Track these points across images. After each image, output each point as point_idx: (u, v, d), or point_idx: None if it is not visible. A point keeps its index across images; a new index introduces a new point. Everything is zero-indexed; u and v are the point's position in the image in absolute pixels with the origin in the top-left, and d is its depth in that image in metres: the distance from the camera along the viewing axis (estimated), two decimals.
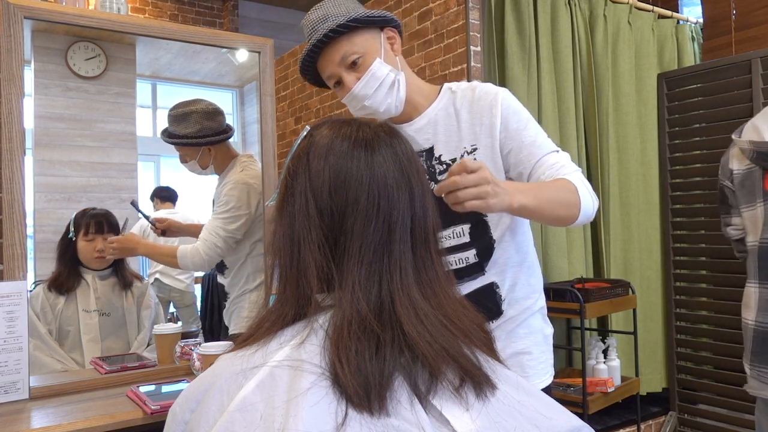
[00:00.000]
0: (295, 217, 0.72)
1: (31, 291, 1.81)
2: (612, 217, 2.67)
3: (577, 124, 2.65)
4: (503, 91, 1.25)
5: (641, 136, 2.84)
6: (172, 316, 2.37)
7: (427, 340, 0.66)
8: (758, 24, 3.14)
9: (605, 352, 2.49)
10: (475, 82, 1.30)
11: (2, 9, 1.46)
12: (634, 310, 2.55)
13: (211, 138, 1.91)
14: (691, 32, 3.13)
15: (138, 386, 1.45)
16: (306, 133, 0.78)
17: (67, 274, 1.88)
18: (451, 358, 0.67)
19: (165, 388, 1.46)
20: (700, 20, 3.28)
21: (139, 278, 2.05)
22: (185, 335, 1.93)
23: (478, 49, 2.49)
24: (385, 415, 0.61)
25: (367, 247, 0.69)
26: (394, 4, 2.90)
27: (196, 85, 2.39)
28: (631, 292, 2.53)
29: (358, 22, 1.17)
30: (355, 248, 0.69)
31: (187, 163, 1.96)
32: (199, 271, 2.27)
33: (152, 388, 1.45)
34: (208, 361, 1.41)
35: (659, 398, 2.86)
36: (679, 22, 3.08)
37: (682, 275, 2.85)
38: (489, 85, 1.27)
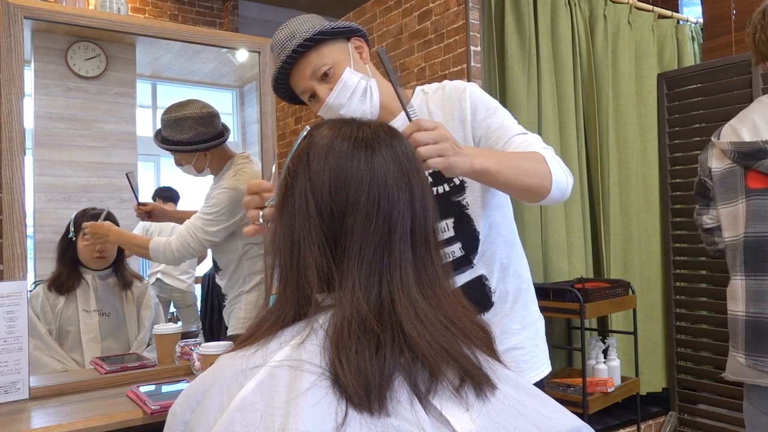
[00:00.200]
0: (295, 217, 0.72)
1: (31, 291, 1.81)
2: (612, 217, 2.67)
3: (577, 124, 2.65)
4: (471, 85, 1.28)
5: (641, 136, 2.84)
6: (172, 316, 2.37)
7: (427, 340, 0.66)
8: None
9: (605, 352, 2.49)
10: (444, 81, 1.31)
11: (2, 9, 1.46)
12: (634, 310, 2.55)
13: (206, 144, 1.86)
14: (691, 32, 3.13)
15: (138, 386, 1.45)
16: (306, 133, 0.78)
17: (67, 274, 1.88)
18: (451, 358, 0.67)
19: (165, 388, 1.46)
20: (700, 20, 3.28)
21: (139, 278, 2.05)
22: (185, 335, 1.93)
23: (478, 49, 2.49)
24: (385, 415, 0.61)
25: (367, 247, 0.69)
26: (394, 4, 2.90)
27: (196, 85, 2.40)
28: (631, 292, 2.53)
29: (324, 35, 1.21)
30: (355, 248, 0.69)
31: (182, 166, 1.94)
32: (169, 264, 2.22)
33: (152, 388, 1.45)
34: (208, 361, 1.41)
35: (659, 398, 2.86)
36: (679, 22, 3.08)
37: (682, 275, 2.85)
38: (457, 82, 1.29)
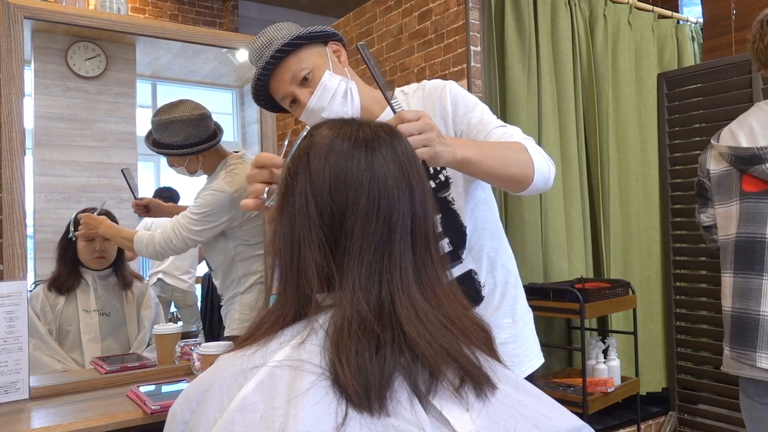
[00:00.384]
0: (296, 217, 0.72)
1: (31, 291, 1.81)
2: (612, 217, 2.67)
3: (577, 124, 2.65)
4: (450, 82, 1.29)
5: (641, 136, 2.84)
6: (172, 316, 2.37)
7: (427, 340, 0.66)
8: None
9: (605, 352, 2.49)
10: (423, 81, 1.32)
11: (2, 9, 1.47)
12: (634, 310, 2.55)
13: (198, 147, 1.81)
14: (691, 32, 3.13)
15: (138, 386, 1.45)
16: (306, 133, 0.78)
17: (67, 274, 1.88)
18: (451, 358, 0.67)
19: (165, 388, 1.46)
20: (700, 20, 3.28)
21: (139, 278, 2.05)
22: (185, 335, 1.93)
23: (478, 49, 2.49)
24: (385, 415, 0.61)
25: (367, 247, 0.69)
26: (394, 4, 2.90)
27: (196, 85, 2.40)
28: (631, 292, 2.53)
29: (301, 39, 1.22)
30: (356, 248, 0.69)
31: (174, 167, 1.91)
32: (152, 259, 2.22)
33: (152, 388, 1.45)
34: (208, 361, 1.41)
35: (659, 398, 2.86)
36: (679, 22, 3.08)
37: (682, 275, 2.85)
38: (436, 80, 1.31)
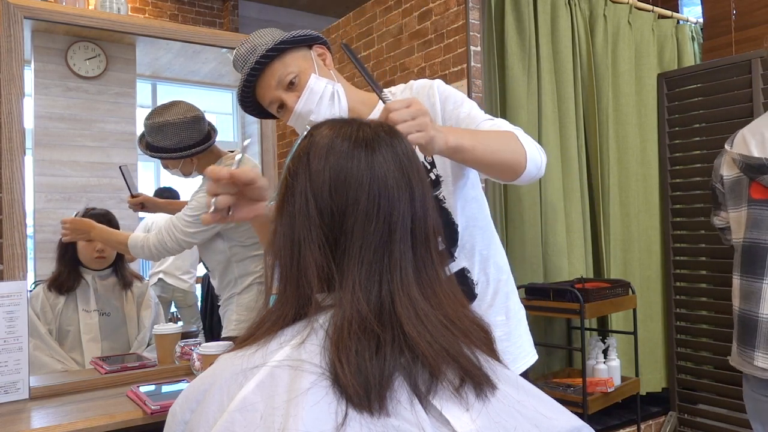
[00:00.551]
0: (296, 217, 0.72)
1: (31, 291, 1.81)
2: (612, 217, 2.67)
3: (577, 124, 2.65)
4: (437, 81, 1.28)
5: (641, 136, 2.84)
6: (172, 316, 2.37)
7: (428, 340, 0.66)
8: (758, 24, 3.14)
9: (605, 352, 2.49)
10: (410, 81, 1.32)
11: (2, 9, 1.46)
12: (634, 310, 2.55)
13: (191, 150, 1.79)
14: (691, 32, 3.13)
15: (138, 386, 1.45)
16: (306, 132, 0.78)
17: (67, 274, 1.88)
18: (451, 358, 0.67)
19: (165, 388, 1.46)
20: (700, 20, 3.28)
21: (139, 278, 2.05)
22: (185, 335, 1.93)
23: (478, 49, 2.49)
24: (385, 415, 0.61)
25: (367, 247, 0.69)
26: (394, 4, 2.90)
27: (196, 85, 2.40)
28: (631, 292, 2.53)
29: (285, 44, 1.22)
30: (356, 248, 0.69)
31: (169, 169, 1.90)
32: (148, 260, 2.21)
33: (152, 388, 1.45)
34: (208, 361, 1.41)
35: (659, 398, 2.86)
36: (679, 22, 3.08)
37: (682, 275, 2.85)
38: (424, 80, 1.30)
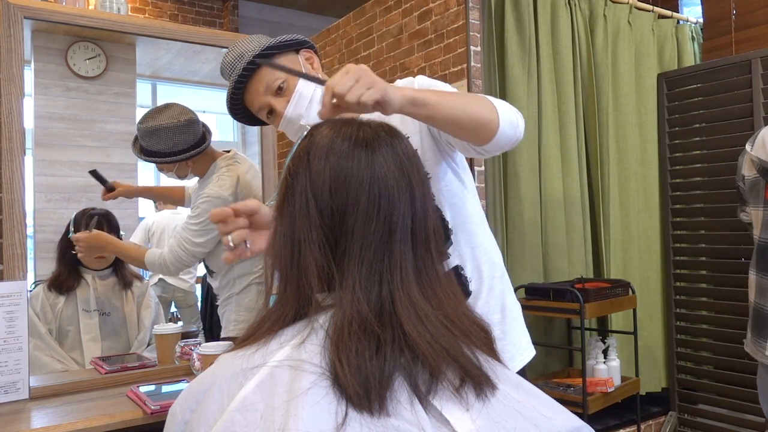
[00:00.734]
0: (296, 217, 0.72)
1: (31, 291, 1.81)
2: (612, 217, 2.67)
3: (577, 124, 2.65)
4: (420, 76, 1.28)
5: (641, 136, 2.84)
6: (172, 316, 2.37)
7: (428, 340, 0.66)
8: (758, 24, 3.15)
9: (605, 352, 2.49)
10: (396, 81, 1.32)
11: (2, 9, 1.46)
12: (634, 310, 2.55)
13: (186, 154, 1.77)
14: (691, 32, 3.13)
15: (138, 386, 1.45)
16: (306, 132, 0.78)
17: (67, 273, 1.88)
18: (451, 358, 0.67)
19: (165, 388, 1.46)
20: (700, 20, 3.28)
21: (139, 278, 2.05)
22: (185, 335, 1.93)
23: (478, 49, 2.49)
24: (385, 415, 0.61)
25: (367, 247, 0.69)
26: (394, 4, 2.90)
27: (196, 85, 2.40)
28: (631, 292, 2.53)
29: (272, 49, 1.23)
30: (356, 248, 0.69)
31: (164, 172, 1.89)
32: (167, 275, 2.21)
33: (152, 388, 1.45)
34: (208, 361, 1.41)
35: (659, 398, 2.86)
36: (679, 22, 3.08)
37: (682, 275, 2.85)
38: (407, 78, 1.30)
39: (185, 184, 2.04)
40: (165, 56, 2.19)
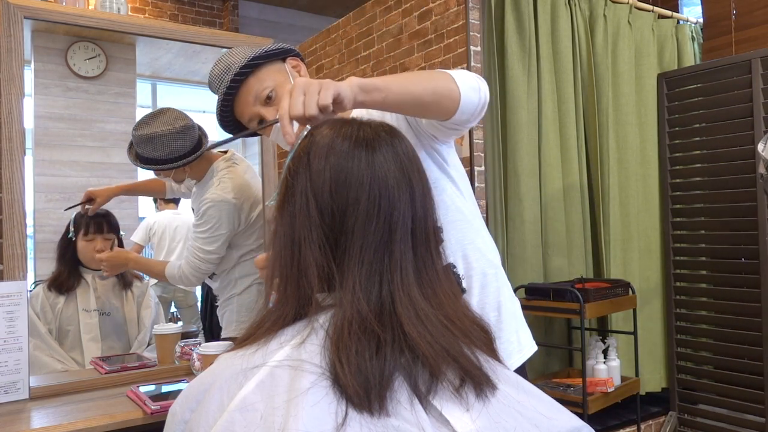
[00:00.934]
0: (296, 217, 0.72)
1: (31, 291, 1.81)
2: (612, 217, 2.67)
3: (577, 124, 2.65)
4: None
5: (641, 136, 2.84)
6: (172, 316, 2.37)
7: (428, 340, 0.66)
8: (758, 24, 3.15)
9: (605, 352, 2.49)
10: None
11: (2, 9, 1.46)
12: (634, 310, 2.55)
13: (183, 160, 1.76)
14: (691, 32, 3.13)
15: (138, 386, 1.45)
16: (306, 132, 0.78)
17: (67, 273, 1.88)
18: (451, 359, 0.67)
19: (165, 388, 1.46)
20: (700, 20, 3.28)
21: (139, 278, 2.05)
22: (185, 335, 1.93)
23: (478, 49, 2.49)
24: (385, 415, 0.61)
25: (367, 247, 0.69)
26: (394, 4, 2.90)
27: (196, 85, 2.39)
28: (631, 292, 2.53)
29: (258, 59, 1.23)
30: (356, 248, 0.69)
31: (161, 176, 1.89)
32: (188, 287, 2.24)
33: (152, 388, 1.45)
34: (208, 361, 1.41)
35: (659, 398, 2.86)
36: (679, 22, 3.08)
37: (682, 275, 2.85)
38: None
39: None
40: (165, 56, 2.19)
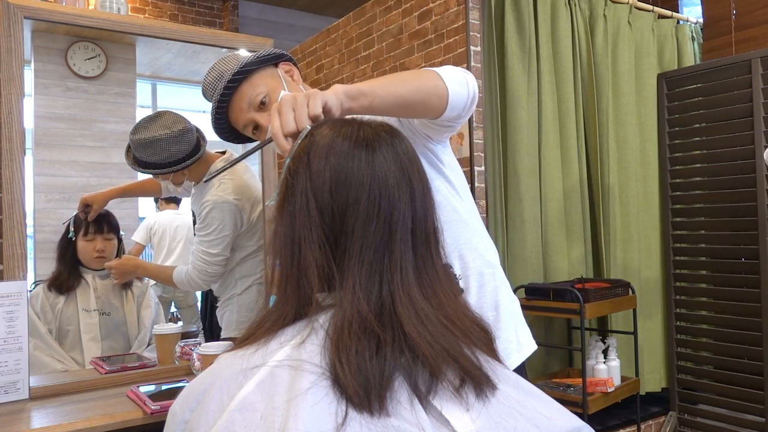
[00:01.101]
0: (296, 217, 0.72)
1: (31, 291, 1.81)
2: (612, 217, 2.67)
3: (577, 124, 2.65)
4: None
5: (641, 136, 2.84)
6: (172, 316, 2.37)
7: (428, 340, 0.66)
8: (758, 24, 3.15)
9: (605, 352, 2.49)
10: None
11: (2, 9, 1.46)
12: (634, 310, 2.55)
13: (182, 164, 1.75)
14: (691, 32, 3.13)
15: (138, 386, 1.45)
16: (306, 132, 0.78)
17: (67, 273, 1.88)
18: (451, 359, 0.67)
19: (165, 388, 1.46)
20: (700, 20, 3.28)
21: (139, 278, 2.05)
22: (185, 335, 1.93)
23: (478, 49, 2.49)
24: (385, 415, 0.61)
25: (367, 247, 0.69)
26: (394, 4, 2.90)
27: (196, 85, 2.38)
28: (631, 292, 2.53)
29: (251, 65, 1.24)
30: (356, 248, 0.69)
31: (159, 180, 1.88)
32: (196, 291, 2.27)
33: (152, 388, 1.45)
34: (208, 361, 1.41)
35: (659, 398, 2.86)
36: (679, 22, 3.08)
37: (682, 275, 2.85)
38: None
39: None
40: (165, 56, 2.19)
